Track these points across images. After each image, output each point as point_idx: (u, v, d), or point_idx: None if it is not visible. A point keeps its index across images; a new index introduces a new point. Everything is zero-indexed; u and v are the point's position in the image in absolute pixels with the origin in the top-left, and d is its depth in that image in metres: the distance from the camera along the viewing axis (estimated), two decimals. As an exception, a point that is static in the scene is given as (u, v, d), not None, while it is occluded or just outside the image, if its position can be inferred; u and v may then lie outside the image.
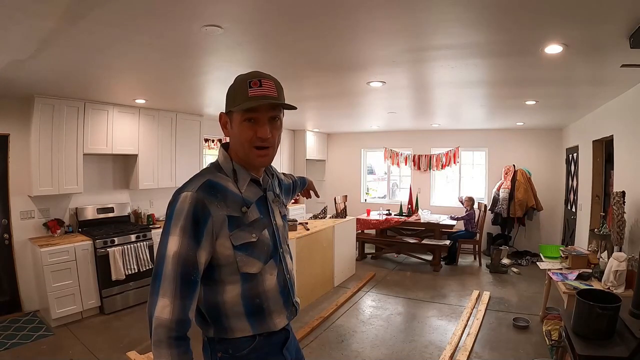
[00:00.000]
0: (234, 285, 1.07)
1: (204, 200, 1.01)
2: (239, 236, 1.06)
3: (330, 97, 4.12)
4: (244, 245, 1.06)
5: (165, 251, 0.98)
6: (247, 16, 1.96)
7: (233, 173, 1.11)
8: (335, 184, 8.25)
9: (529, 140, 6.64)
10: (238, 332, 1.09)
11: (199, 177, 1.07)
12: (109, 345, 3.29)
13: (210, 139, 6.02)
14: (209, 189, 1.04)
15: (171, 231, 0.99)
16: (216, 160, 1.16)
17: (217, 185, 1.06)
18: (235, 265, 1.05)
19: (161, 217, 5.20)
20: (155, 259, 1.01)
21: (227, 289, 1.07)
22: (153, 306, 0.95)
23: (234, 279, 1.07)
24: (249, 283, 1.08)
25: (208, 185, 1.04)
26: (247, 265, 1.07)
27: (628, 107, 3.47)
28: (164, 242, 0.99)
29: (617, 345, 1.89)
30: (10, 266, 3.85)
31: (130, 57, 2.59)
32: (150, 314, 0.95)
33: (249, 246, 1.07)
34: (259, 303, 1.10)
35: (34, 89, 3.50)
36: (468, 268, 5.91)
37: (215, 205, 1.03)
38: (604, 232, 3.33)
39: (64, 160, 3.93)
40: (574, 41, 2.21)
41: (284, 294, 1.16)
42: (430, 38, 2.28)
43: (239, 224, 1.06)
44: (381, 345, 3.37)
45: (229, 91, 1.11)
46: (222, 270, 1.06)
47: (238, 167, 1.12)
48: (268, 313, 1.12)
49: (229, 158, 1.13)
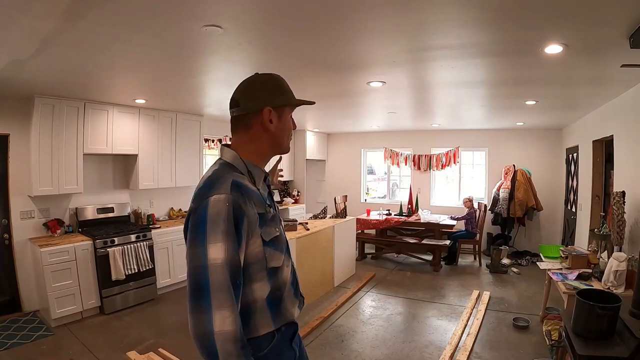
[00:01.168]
0: (262, 282, 1.07)
1: (239, 200, 0.98)
2: (268, 232, 1.07)
3: (330, 97, 4.12)
4: (272, 240, 1.08)
5: (205, 262, 0.91)
6: (247, 16, 1.96)
7: (248, 171, 1.11)
8: (335, 184, 8.25)
9: (529, 140, 6.64)
10: (262, 329, 1.08)
11: (221, 179, 1.02)
12: (109, 345, 3.29)
13: (210, 139, 6.02)
14: (238, 189, 1.00)
15: (210, 239, 0.92)
16: (224, 160, 1.12)
17: (241, 184, 1.03)
18: (263, 262, 1.05)
19: (161, 217, 5.21)
20: (192, 271, 0.93)
21: (255, 288, 1.05)
22: (209, 323, 0.88)
23: (261, 276, 1.06)
24: (274, 277, 1.10)
25: (237, 186, 1.01)
26: (274, 260, 1.08)
27: (628, 107, 3.47)
28: (202, 252, 0.92)
29: (617, 345, 1.89)
30: (10, 266, 3.85)
31: (130, 57, 2.59)
32: (205, 332, 0.89)
33: (275, 240, 1.09)
34: (279, 295, 1.12)
35: (34, 89, 3.50)
36: (468, 268, 5.91)
37: (248, 205, 1.01)
38: (604, 232, 3.33)
39: (64, 160, 3.93)
40: (574, 41, 2.21)
41: (294, 284, 1.20)
42: (430, 38, 2.28)
43: (265, 220, 1.07)
44: (381, 345, 3.37)
45: (276, 87, 1.15)
46: (251, 268, 1.03)
47: (251, 165, 1.12)
48: (284, 305, 1.14)
49: (239, 157, 1.11)
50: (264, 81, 1.14)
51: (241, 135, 1.14)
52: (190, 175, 5.29)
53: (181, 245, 4.78)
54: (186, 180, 5.22)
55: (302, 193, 7.70)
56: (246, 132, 1.13)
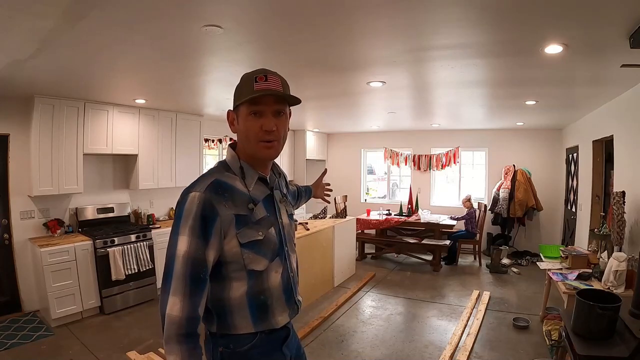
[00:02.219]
0: (240, 282, 1.08)
1: (212, 200, 1.02)
2: (245, 234, 1.07)
3: (330, 97, 4.12)
4: (251, 243, 1.08)
5: (175, 251, 1.00)
6: (247, 16, 1.96)
7: (241, 171, 1.12)
8: (335, 184, 8.13)
9: (529, 140, 6.64)
10: (240, 329, 1.10)
11: (207, 177, 1.08)
12: (109, 345, 3.29)
13: (210, 139, 6.02)
14: (216, 189, 1.04)
15: (180, 231, 1.01)
16: (224, 160, 1.17)
17: (224, 184, 1.07)
18: (242, 263, 1.07)
19: (161, 217, 5.21)
20: (165, 258, 1.02)
21: (233, 286, 1.08)
22: (164, 304, 0.97)
23: (240, 276, 1.08)
24: (255, 280, 1.10)
25: (216, 185, 1.05)
26: (254, 263, 1.09)
27: (628, 107, 3.47)
28: (174, 241, 1.01)
29: (617, 345, 1.89)
30: (10, 266, 3.85)
31: (130, 57, 2.59)
32: (162, 312, 0.98)
33: (256, 244, 1.09)
34: (264, 300, 1.12)
35: (34, 89, 3.50)
36: (468, 268, 5.91)
37: (223, 205, 1.04)
38: (604, 232, 3.33)
39: (64, 160, 3.93)
40: (574, 41, 2.21)
41: (287, 292, 1.18)
42: (430, 38, 2.28)
43: (246, 222, 1.08)
44: (381, 345, 3.37)
45: (236, 88, 1.12)
46: (229, 267, 1.07)
47: (246, 166, 1.13)
48: (271, 310, 1.13)
49: (237, 157, 1.14)
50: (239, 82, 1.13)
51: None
52: (190, 175, 5.24)
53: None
54: (186, 180, 5.16)
55: (302, 193, 7.68)
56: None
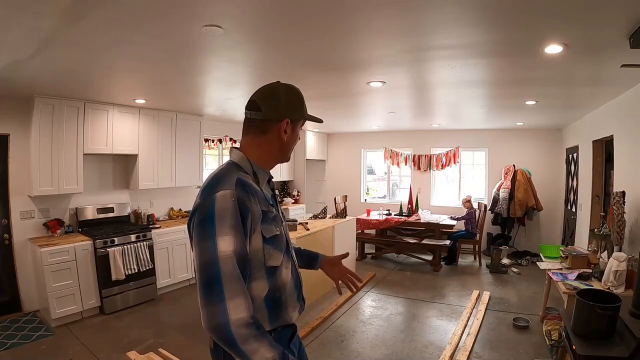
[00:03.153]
0: (260, 280, 1.09)
1: (243, 197, 1.03)
2: (268, 229, 1.10)
3: (330, 97, 4.12)
4: (272, 237, 1.10)
5: (216, 254, 0.95)
6: (247, 16, 1.96)
7: (253, 172, 1.15)
8: (335, 184, 8.25)
9: (529, 140, 6.64)
10: None
11: (228, 176, 1.07)
12: (109, 345, 3.28)
13: (210, 139, 6.02)
14: (243, 187, 1.05)
15: (218, 232, 0.96)
16: (231, 160, 1.17)
17: (246, 182, 1.08)
18: (262, 259, 1.08)
19: (161, 217, 5.21)
20: (202, 265, 0.96)
21: (252, 286, 1.08)
22: (223, 314, 0.92)
23: (259, 275, 1.09)
24: (272, 276, 1.11)
25: (242, 183, 1.06)
26: (272, 258, 1.10)
27: (628, 107, 3.47)
28: (211, 245, 0.96)
29: (617, 345, 1.89)
30: (10, 266, 3.85)
31: (130, 57, 2.59)
32: (220, 324, 0.92)
33: (275, 239, 1.12)
34: (279, 296, 1.13)
35: (34, 89, 3.50)
36: (468, 268, 5.91)
37: (252, 202, 1.05)
38: (604, 232, 3.33)
39: (64, 160, 3.93)
40: (574, 41, 2.21)
41: (297, 287, 1.21)
42: (430, 38, 2.28)
43: (267, 218, 1.10)
44: (381, 345, 3.37)
45: (292, 101, 1.18)
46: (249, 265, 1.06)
47: (256, 167, 1.16)
48: (285, 306, 1.15)
49: (246, 158, 1.16)
50: (287, 91, 1.18)
51: (253, 138, 1.17)
52: (190, 175, 5.29)
53: (181, 245, 4.79)
54: (186, 180, 5.22)
55: (302, 193, 7.70)
56: (259, 136, 1.16)
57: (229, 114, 5.23)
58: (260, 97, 1.16)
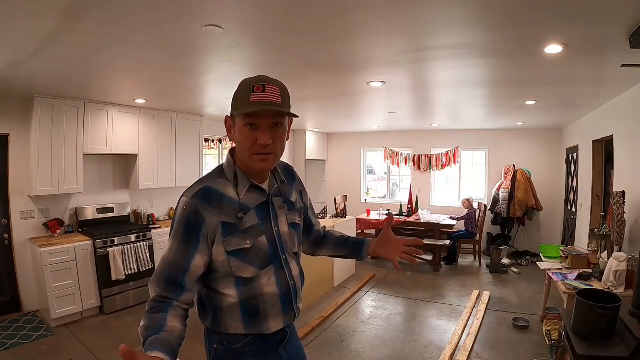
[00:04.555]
0: (230, 287, 1.09)
1: (197, 207, 1.04)
2: (231, 242, 1.06)
3: (330, 97, 4.12)
4: (237, 251, 1.07)
5: (167, 253, 1.05)
6: (247, 16, 1.96)
7: (234, 178, 1.11)
8: (335, 184, 8.24)
9: (529, 140, 6.64)
10: (231, 329, 1.11)
11: (197, 184, 1.09)
12: (109, 345, 3.29)
13: (210, 139, 6.02)
14: (204, 196, 1.05)
15: (171, 234, 1.07)
16: (221, 165, 1.17)
17: (213, 191, 1.07)
18: (229, 270, 1.08)
19: (161, 217, 5.22)
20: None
21: (224, 293, 1.09)
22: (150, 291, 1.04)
23: (229, 281, 1.09)
24: (245, 286, 1.10)
25: (204, 192, 1.06)
26: (241, 270, 1.08)
27: (628, 107, 3.47)
28: (169, 244, 1.07)
29: (617, 345, 1.89)
30: (10, 266, 3.85)
31: (130, 57, 2.59)
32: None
33: (242, 252, 1.07)
34: (256, 305, 1.11)
35: (34, 89, 3.49)
36: (468, 268, 5.91)
37: (210, 212, 1.04)
38: (604, 232, 3.33)
39: (64, 160, 3.93)
40: (574, 41, 2.21)
41: (284, 299, 1.15)
42: (430, 38, 2.28)
43: (233, 230, 1.06)
44: (381, 345, 3.37)
45: (234, 95, 1.08)
46: (218, 273, 1.09)
47: (240, 173, 1.12)
48: (264, 316, 1.12)
49: (233, 163, 1.13)
50: (237, 88, 1.08)
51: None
52: (190, 175, 5.28)
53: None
54: (186, 180, 5.20)
55: (302, 193, 7.68)
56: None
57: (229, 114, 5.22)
58: None
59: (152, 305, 0.99)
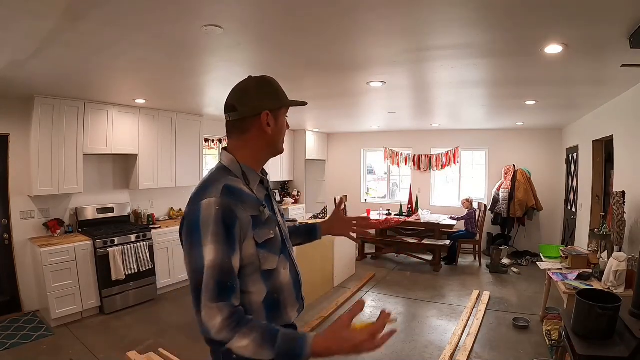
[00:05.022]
0: (257, 285, 1.08)
1: (230, 204, 1.01)
2: (261, 234, 1.08)
3: (330, 97, 4.12)
4: (265, 242, 1.09)
5: (200, 263, 0.96)
6: (247, 16, 1.96)
7: (243, 175, 1.13)
8: (335, 184, 8.24)
9: (529, 140, 6.64)
10: None
11: (215, 183, 1.06)
12: (109, 345, 3.29)
13: (210, 139, 6.02)
14: (230, 194, 1.04)
15: (203, 241, 0.97)
16: (221, 164, 1.15)
17: (234, 188, 1.07)
18: (257, 264, 1.07)
19: (161, 217, 5.21)
20: (189, 274, 0.99)
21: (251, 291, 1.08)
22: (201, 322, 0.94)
23: (256, 278, 1.08)
24: (269, 280, 1.11)
25: (229, 190, 1.05)
26: (267, 262, 1.09)
27: (628, 107, 3.47)
28: (196, 254, 0.97)
29: (617, 345, 1.89)
30: (10, 266, 3.85)
31: (130, 57, 2.59)
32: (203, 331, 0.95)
33: (268, 243, 1.10)
34: (277, 297, 1.13)
35: (34, 89, 3.50)
36: (468, 268, 5.91)
37: (240, 208, 1.04)
38: (604, 232, 3.33)
39: (64, 160, 3.93)
40: (574, 41, 2.21)
41: (296, 287, 1.20)
42: (431, 38, 2.28)
43: (258, 222, 1.08)
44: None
45: (270, 91, 1.15)
46: (246, 270, 1.06)
47: (247, 169, 1.14)
48: (284, 306, 1.15)
49: (235, 160, 1.14)
50: (258, 84, 1.15)
51: (236, 139, 1.16)
52: (190, 176, 5.29)
53: (181, 246, 4.78)
54: (186, 180, 5.22)
55: (302, 193, 7.70)
56: (242, 135, 1.15)
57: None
58: (234, 97, 1.14)
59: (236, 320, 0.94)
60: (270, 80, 1.17)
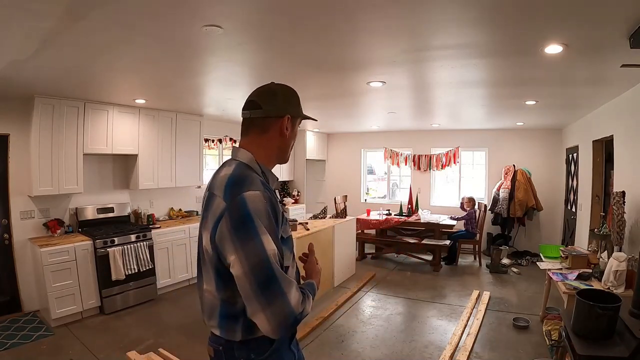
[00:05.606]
0: None
1: (271, 198, 1.04)
2: (286, 230, 1.12)
3: (330, 97, 4.12)
4: (287, 238, 1.13)
5: (265, 254, 0.96)
6: (247, 16, 1.96)
7: (262, 173, 1.15)
8: (335, 184, 8.24)
9: (529, 140, 6.64)
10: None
11: (249, 178, 1.05)
12: (109, 345, 3.29)
13: (210, 139, 6.01)
14: (266, 189, 1.06)
15: (259, 231, 0.97)
16: (239, 161, 1.13)
17: (266, 184, 1.10)
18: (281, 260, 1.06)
19: (161, 217, 5.21)
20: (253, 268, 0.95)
21: None
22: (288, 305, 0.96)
23: None
24: None
25: (264, 185, 1.07)
26: (286, 258, 1.11)
27: (628, 107, 3.47)
28: (257, 245, 0.96)
29: (617, 345, 1.89)
30: (10, 266, 3.85)
31: (130, 57, 2.59)
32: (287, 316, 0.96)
33: (287, 239, 1.14)
34: None
35: (34, 89, 3.50)
36: (468, 268, 5.91)
37: (276, 201, 1.07)
38: (604, 232, 3.33)
39: (64, 160, 3.93)
40: (574, 41, 2.21)
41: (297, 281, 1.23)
42: (430, 38, 2.28)
43: (284, 219, 1.13)
44: (381, 345, 3.36)
45: (293, 99, 1.21)
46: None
47: (265, 169, 1.17)
48: None
49: (254, 159, 1.14)
50: (286, 90, 1.21)
51: (254, 138, 1.17)
52: (190, 175, 5.29)
53: (181, 245, 4.79)
54: (186, 180, 5.22)
55: (302, 193, 7.70)
56: (261, 135, 1.16)
57: (229, 114, 5.23)
58: (259, 96, 1.17)
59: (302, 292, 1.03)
60: (294, 90, 1.23)
